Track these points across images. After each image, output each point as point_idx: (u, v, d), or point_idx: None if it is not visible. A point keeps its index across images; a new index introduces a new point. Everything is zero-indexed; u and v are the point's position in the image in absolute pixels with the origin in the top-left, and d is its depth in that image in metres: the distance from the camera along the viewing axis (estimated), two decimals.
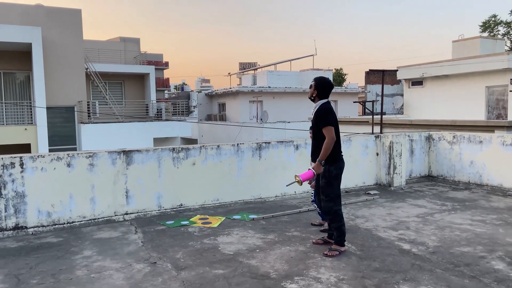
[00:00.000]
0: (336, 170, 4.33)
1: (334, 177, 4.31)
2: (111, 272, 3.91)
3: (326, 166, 4.28)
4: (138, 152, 5.87)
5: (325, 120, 4.27)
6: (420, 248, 4.49)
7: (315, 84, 4.44)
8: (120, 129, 17.73)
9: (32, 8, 16.63)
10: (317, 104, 4.42)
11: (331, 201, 4.31)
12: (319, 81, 4.45)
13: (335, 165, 4.31)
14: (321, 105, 4.39)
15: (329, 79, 4.57)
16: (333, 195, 4.32)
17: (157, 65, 33.75)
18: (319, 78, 4.50)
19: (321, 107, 4.37)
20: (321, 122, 4.28)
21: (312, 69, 29.37)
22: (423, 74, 19.32)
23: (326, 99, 4.43)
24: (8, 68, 16.32)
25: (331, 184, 4.30)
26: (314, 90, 4.44)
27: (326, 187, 4.31)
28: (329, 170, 4.29)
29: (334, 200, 4.32)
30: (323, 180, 4.33)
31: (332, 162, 4.30)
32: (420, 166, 8.63)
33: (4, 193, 5.05)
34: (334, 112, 4.43)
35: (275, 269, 3.93)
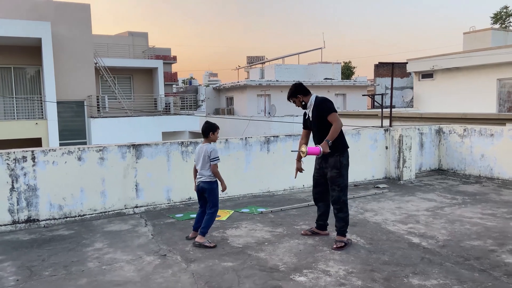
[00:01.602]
0: (346, 160, 4.39)
1: (344, 167, 4.36)
2: (122, 264, 3.96)
3: (337, 157, 4.32)
4: (147, 146, 5.91)
5: (329, 108, 4.32)
6: (429, 242, 4.47)
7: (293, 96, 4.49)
8: (129, 123, 17.85)
9: (42, 3, 16.72)
10: (311, 100, 4.47)
11: (341, 191, 4.35)
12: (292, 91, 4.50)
13: (344, 155, 4.37)
14: (316, 98, 4.45)
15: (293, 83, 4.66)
16: (343, 185, 4.37)
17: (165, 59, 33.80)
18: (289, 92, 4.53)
19: (318, 100, 4.43)
20: (325, 111, 4.32)
21: (321, 62, 29.22)
22: (434, 67, 19.09)
23: (311, 94, 4.51)
24: (18, 63, 16.48)
25: (342, 175, 4.34)
26: (296, 97, 4.49)
27: (338, 177, 4.33)
28: (340, 160, 4.34)
29: (344, 190, 4.38)
30: (334, 170, 4.34)
31: (342, 152, 4.35)
32: (430, 160, 8.56)
33: (17, 187, 5.12)
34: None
35: (284, 262, 3.95)
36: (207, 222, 4.45)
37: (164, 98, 22.19)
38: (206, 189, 4.47)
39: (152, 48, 26.40)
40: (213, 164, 4.43)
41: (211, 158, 4.43)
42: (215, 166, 4.44)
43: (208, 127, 4.53)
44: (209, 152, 4.43)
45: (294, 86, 4.54)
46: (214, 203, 4.50)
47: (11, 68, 16.44)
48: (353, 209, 5.83)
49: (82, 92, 17.23)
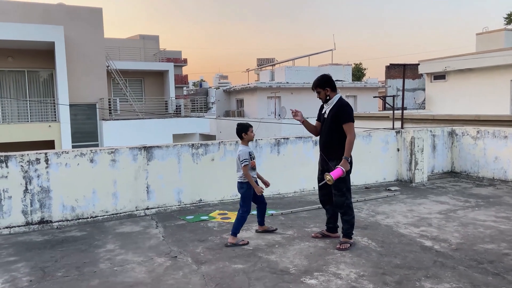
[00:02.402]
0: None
1: (346, 172, 4.30)
2: (133, 265, 3.99)
3: (337, 162, 4.28)
4: (158, 148, 5.95)
5: (348, 116, 4.27)
6: (442, 245, 4.41)
7: (320, 86, 4.38)
8: (140, 125, 17.97)
9: (54, 7, 16.97)
10: (334, 99, 4.39)
11: (343, 195, 4.34)
12: (320, 80, 4.40)
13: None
14: (340, 99, 4.38)
15: (323, 73, 4.56)
16: (345, 189, 4.35)
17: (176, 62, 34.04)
18: (318, 80, 4.42)
19: (340, 102, 4.36)
20: (343, 118, 4.27)
21: (331, 64, 29.11)
22: (446, 68, 18.88)
23: (337, 92, 4.44)
24: (32, 66, 16.73)
25: (343, 179, 4.29)
26: (324, 90, 4.39)
27: (339, 182, 4.29)
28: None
29: (346, 194, 4.35)
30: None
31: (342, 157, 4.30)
32: (443, 162, 8.46)
33: (30, 188, 5.20)
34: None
35: (294, 265, 3.94)
36: (237, 224, 4.54)
37: (175, 100, 22.32)
38: (238, 189, 4.60)
39: (163, 51, 26.57)
40: (242, 166, 4.49)
41: (240, 161, 4.50)
42: (245, 168, 4.49)
43: (239, 129, 4.61)
44: (238, 155, 4.54)
45: (325, 77, 4.42)
46: (242, 204, 4.56)
47: (25, 71, 16.70)
48: (364, 212, 5.79)
49: (94, 94, 17.42)
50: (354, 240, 4.50)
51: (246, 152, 4.52)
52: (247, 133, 4.59)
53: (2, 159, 5.05)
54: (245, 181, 4.53)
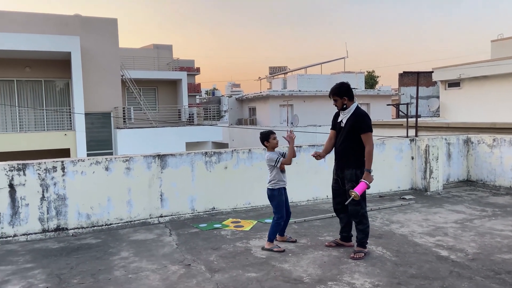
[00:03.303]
0: (362, 173, 4.31)
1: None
2: (148, 273, 4.02)
3: (353, 170, 4.29)
4: (172, 156, 6.00)
5: (367, 126, 4.26)
6: (458, 255, 4.34)
7: (338, 95, 4.35)
8: (154, 133, 18.15)
9: (71, 18, 17.35)
10: (351, 108, 4.37)
11: (358, 204, 4.31)
12: (339, 88, 4.37)
13: (361, 169, 4.30)
14: (357, 108, 4.37)
15: (342, 81, 4.54)
16: (360, 198, 4.30)
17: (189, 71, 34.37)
18: (337, 87, 4.39)
19: (358, 111, 4.34)
20: (361, 128, 4.26)
21: (344, 72, 29.07)
22: (461, 75, 18.69)
23: (354, 101, 4.43)
24: (48, 76, 17.09)
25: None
26: (342, 99, 4.36)
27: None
28: (355, 174, 4.30)
29: (361, 203, 4.32)
30: (349, 184, 4.32)
31: (359, 166, 4.30)
32: (458, 171, 8.34)
33: (47, 196, 5.29)
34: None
35: (308, 274, 3.91)
36: (272, 229, 4.59)
37: (188, 109, 22.52)
38: (268, 196, 4.66)
39: (176, 60, 26.91)
40: (278, 167, 4.57)
41: (273, 163, 4.56)
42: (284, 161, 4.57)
43: (262, 138, 4.70)
44: (267, 160, 4.63)
45: (344, 86, 4.38)
46: (276, 209, 4.61)
47: (42, 81, 17.07)
48: (379, 221, 5.73)
49: (109, 103, 17.69)
50: (369, 249, 4.46)
51: (275, 154, 4.60)
52: (269, 141, 4.65)
53: (20, 167, 5.16)
54: (276, 188, 4.59)
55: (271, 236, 4.60)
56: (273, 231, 4.60)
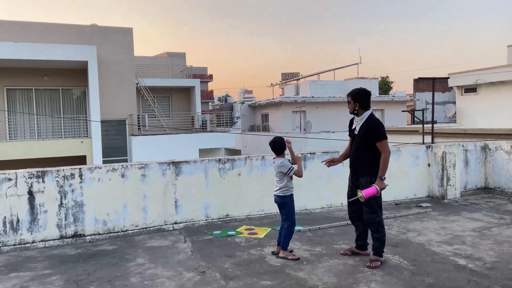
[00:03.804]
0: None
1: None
2: (163, 279, 4.04)
3: (368, 178, 4.26)
4: (186, 163, 6.05)
5: (381, 134, 4.23)
6: (477, 264, 4.26)
7: (352, 98, 4.37)
8: (168, 140, 18.32)
9: (88, 28, 17.71)
10: (364, 115, 4.35)
11: (374, 213, 4.28)
12: (356, 93, 4.38)
13: (376, 177, 4.25)
14: (370, 116, 4.33)
15: (365, 88, 4.49)
16: (376, 206, 4.29)
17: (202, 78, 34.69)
18: (354, 91, 4.42)
19: (371, 119, 4.31)
20: (375, 136, 4.23)
21: (357, 78, 28.92)
22: (477, 81, 18.43)
23: (369, 109, 4.37)
24: (66, 84, 17.45)
25: (374, 196, 4.25)
26: (354, 104, 4.37)
27: (370, 199, 4.25)
28: (370, 181, 4.26)
29: (377, 212, 4.29)
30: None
31: (373, 174, 4.27)
32: (476, 178, 8.20)
33: (65, 203, 5.38)
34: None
35: (323, 282, 3.89)
36: (285, 238, 4.55)
37: (201, 115, 22.69)
38: (278, 203, 4.59)
39: (189, 68, 27.19)
40: (291, 175, 4.53)
41: (287, 171, 4.52)
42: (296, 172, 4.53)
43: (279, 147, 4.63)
44: (278, 167, 4.56)
45: (362, 93, 4.37)
46: (287, 217, 4.56)
47: (59, 89, 17.42)
48: (395, 229, 5.67)
49: (124, 111, 17.94)
50: (385, 258, 4.41)
51: (287, 161, 4.59)
52: (285, 148, 4.66)
53: (39, 174, 5.27)
54: (288, 194, 4.55)
55: (285, 245, 4.57)
56: (285, 239, 4.56)
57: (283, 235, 4.57)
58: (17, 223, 5.17)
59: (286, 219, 4.57)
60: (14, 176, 5.16)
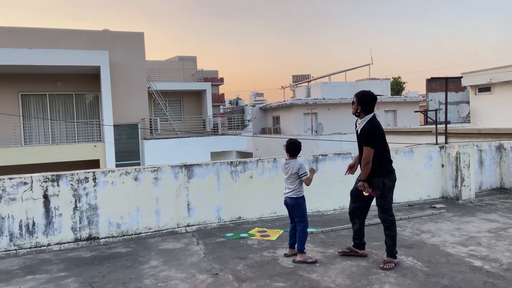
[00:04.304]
0: (390, 182, 4.34)
1: (388, 189, 4.31)
2: (177, 282, 4.06)
3: (380, 179, 4.31)
4: (198, 166, 6.08)
5: (369, 140, 4.29)
6: (493, 265, 4.19)
7: (357, 100, 4.43)
8: (180, 144, 18.44)
9: (100, 33, 17.96)
10: (364, 119, 4.41)
11: (386, 213, 4.33)
12: (361, 95, 4.43)
13: (389, 177, 4.32)
14: (368, 121, 4.37)
15: (371, 92, 4.52)
16: (387, 207, 4.34)
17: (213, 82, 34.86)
18: (359, 93, 4.48)
19: (368, 124, 4.36)
20: (364, 140, 4.32)
21: (369, 79, 28.77)
22: (491, 80, 18.17)
23: (371, 113, 4.41)
24: (79, 89, 17.70)
25: (385, 196, 4.30)
26: (357, 105, 4.42)
27: (381, 199, 4.32)
28: (383, 182, 4.30)
29: (388, 212, 4.34)
30: (377, 192, 4.35)
31: (386, 174, 4.33)
32: (491, 178, 8.07)
33: (79, 206, 5.45)
34: (381, 127, 4.42)
35: (336, 284, 3.87)
36: (301, 240, 4.52)
37: (212, 119, 22.78)
38: (291, 205, 4.56)
39: (200, 71, 27.36)
40: (303, 178, 4.51)
41: (299, 174, 4.52)
42: (307, 180, 4.52)
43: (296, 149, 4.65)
44: (294, 167, 4.54)
45: (366, 96, 4.42)
46: (301, 219, 4.54)
47: (72, 94, 17.67)
48: (408, 230, 5.61)
49: (136, 115, 18.12)
50: (399, 259, 4.37)
51: (305, 165, 4.58)
52: (300, 151, 4.68)
53: (54, 178, 5.35)
54: (301, 195, 4.55)
55: (301, 247, 4.52)
56: (301, 242, 4.52)
57: (299, 238, 4.52)
58: (32, 226, 5.26)
59: (300, 221, 4.54)
60: (30, 180, 5.25)
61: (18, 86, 16.65)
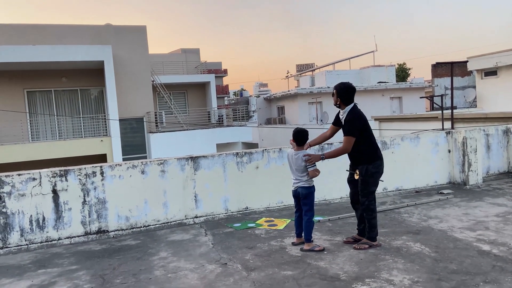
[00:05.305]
0: (374, 168, 4.46)
1: (370, 175, 4.45)
2: (186, 272, 4.12)
3: (364, 166, 4.45)
4: (204, 158, 6.11)
5: (350, 130, 4.41)
6: (501, 249, 4.19)
7: (336, 92, 4.55)
8: (185, 136, 18.50)
9: (102, 28, 17.94)
10: (345, 110, 4.51)
11: (365, 196, 4.47)
12: (339, 87, 4.56)
13: (372, 164, 4.46)
14: (350, 111, 4.47)
15: (350, 83, 4.63)
16: (366, 191, 4.45)
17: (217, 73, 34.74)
18: (338, 85, 4.60)
19: (350, 115, 4.45)
20: (345, 130, 4.44)
21: (373, 66, 28.52)
22: (497, 63, 17.93)
23: (351, 103, 4.51)
24: (84, 85, 17.76)
25: (365, 181, 4.45)
26: (337, 97, 4.55)
27: (361, 184, 4.48)
28: (366, 168, 4.44)
29: (367, 196, 4.45)
30: (359, 177, 4.50)
31: (370, 161, 4.46)
32: (498, 162, 8.02)
33: (88, 200, 5.51)
34: (363, 116, 4.50)
35: (344, 271, 3.89)
36: (308, 229, 4.56)
37: (217, 110, 22.77)
38: (303, 194, 4.56)
39: (204, 63, 27.27)
40: (311, 170, 4.51)
41: (308, 165, 4.52)
42: (313, 171, 4.51)
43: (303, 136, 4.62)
44: (299, 158, 4.55)
45: (345, 88, 4.52)
46: (309, 208, 4.57)
47: (77, 90, 17.74)
48: (416, 216, 5.61)
49: (141, 109, 18.18)
50: (378, 243, 4.49)
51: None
52: (306, 141, 4.67)
53: (62, 173, 5.41)
54: (312, 184, 4.57)
55: (309, 236, 4.55)
56: (308, 231, 4.55)
57: (306, 227, 4.54)
58: (43, 221, 5.33)
59: (308, 210, 4.55)
60: (38, 175, 5.31)
61: (23, 83, 16.74)
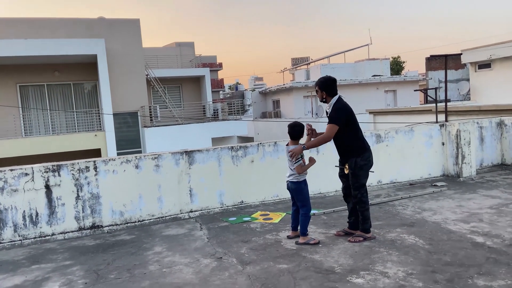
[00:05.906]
0: (362, 161, 4.47)
1: (359, 167, 4.46)
2: (181, 267, 4.11)
3: (352, 159, 4.47)
4: (199, 152, 6.08)
5: (334, 118, 4.43)
6: (495, 241, 4.22)
7: (319, 87, 4.58)
8: (180, 130, 18.42)
9: (95, 21, 17.75)
10: (330, 103, 4.54)
11: (356, 189, 4.49)
12: (320, 82, 4.59)
13: (361, 157, 4.47)
14: (335, 103, 4.50)
15: (328, 75, 4.69)
16: (358, 184, 4.47)
17: (212, 67, 34.56)
18: (319, 80, 4.63)
19: (335, 106, 4.48)
20: (329, 117, 4.45)
21: (368, 59, 28.52)
22: (491, 56, 17.99)
23: (336, 95, 4.54)
24: (77, 79, 17.60)
25: (355, 174, 4.47)
26: (321, 92, 4.57)
27: (352, 177, 4.50)
28: (355, 161, 4.46)
29: (359, 189, 4.48)
30: (350, 170, 4.52)
31: (358, 154, 4.48)
32: (492, 155, 8.07)
33: (81, 195, 5.47)
34: (348, 107, 4.52)
35: (339, 264, 3.90)
36: (303, 223, 4.55)
37: (212, 104, 22.69)
38: (293, 189, 4.57)
39: (198, 57, 27.11)
40: (295, 167, 4.49)
41: (293, 161, 4.51)
42: (298, 168, 4.48)
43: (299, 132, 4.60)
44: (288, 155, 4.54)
45: (327, 81, 4.56)
46: (303, 203, 4.55)
47: (70, 84, 17.58)
48: (410, 209, 5.64)
49: (135, 103, 18.05)
50: (372, 235, 4.52)
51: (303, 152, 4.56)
52: (302, 136, 4.65)
53: (54, 168, 5.36)
54: (302, 180, 4.54)
55: (304, 230, 4.54)
56: (304, 225, 4.54)
57: (301, 221, 4.54)
58: (36, 217, 5.29)
59: (302, 205, 4.54)
60: (31, 171, 5.26)
61: (16, 77, 16.56)
